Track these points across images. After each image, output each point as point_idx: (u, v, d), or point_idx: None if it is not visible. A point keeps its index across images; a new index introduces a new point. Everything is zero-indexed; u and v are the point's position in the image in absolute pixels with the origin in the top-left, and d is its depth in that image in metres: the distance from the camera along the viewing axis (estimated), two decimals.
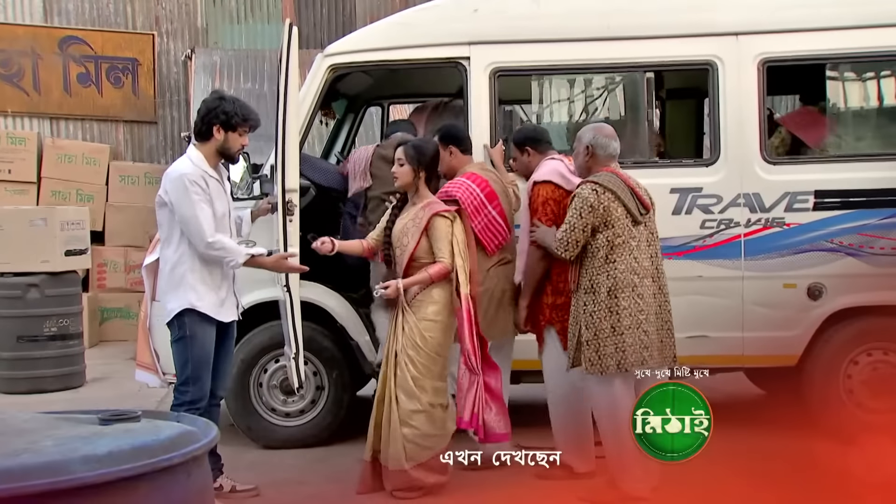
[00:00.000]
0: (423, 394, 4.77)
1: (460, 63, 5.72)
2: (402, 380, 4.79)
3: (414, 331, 4.79)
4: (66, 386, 7.99)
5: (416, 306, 4.83)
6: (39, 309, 7.96)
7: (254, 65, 11.15)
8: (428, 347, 4.80)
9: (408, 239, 4.87)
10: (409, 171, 4.93)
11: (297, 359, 5.09)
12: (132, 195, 10.85)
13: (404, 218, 4.95)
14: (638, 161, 5.73)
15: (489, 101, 5.68)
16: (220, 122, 4.70)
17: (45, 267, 8.07)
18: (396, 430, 4.76)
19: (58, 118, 11.55)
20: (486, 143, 5.60)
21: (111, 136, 11.74)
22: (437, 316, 4.82)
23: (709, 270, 5.58)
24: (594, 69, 5.96)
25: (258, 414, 5.94)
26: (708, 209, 5.60)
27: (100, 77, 11.65)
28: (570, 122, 6.34)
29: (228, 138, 4.74)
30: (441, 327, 4.83)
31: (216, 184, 4.74)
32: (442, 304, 4.83)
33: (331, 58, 5.81)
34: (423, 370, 4.79)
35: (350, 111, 7.17)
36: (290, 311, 5.03)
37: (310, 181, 5.94)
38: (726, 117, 5.63)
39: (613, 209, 4.61)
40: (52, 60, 11.44)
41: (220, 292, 4.75)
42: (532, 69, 5.87)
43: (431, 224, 4.84)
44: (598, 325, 4.57)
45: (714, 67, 5.64)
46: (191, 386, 4.69)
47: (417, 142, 5.13)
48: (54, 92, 11.49)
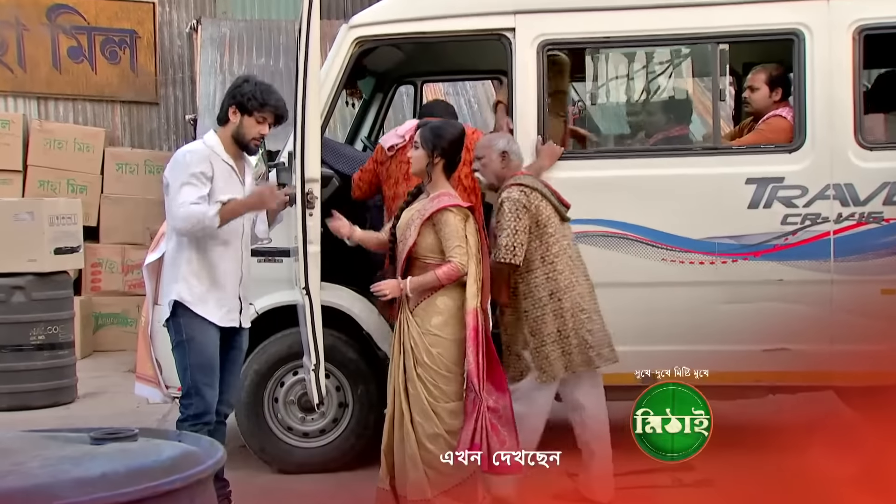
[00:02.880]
0: (438, 418, 4.75)
1: (504, 35, 5.72)
2: (416, 399, 4.77)
3: (419, 345, 4.77)
4: (54, 402, 8.08)
5: (419, 316, 4.80)
6: (25, 315, 8.05)
7: (268, 37, 11.22)
8: (437, 365, 4.76)
9: (410, 232, 4.83)
10: (422, 156, 4.91)
11: (317, 371, 5.10)
12: (130, 186, 10.96)
13: (412, 209, 4.94)
14: (707, 147, 5.72)
15: (537, 79, 5.68)
16: (236, 103, 4.80)
17: (31, 267, 8.16)
18: (415, 454, 4.73)
19: (46, 98, 11.70)
20: (538, 139, 5.62)
21: (106, 119, 11.87)
22: (442, 330, 4.77)
23: (791, 273, 5.55)
24: (658, 41, 5.94)
25: (273, 433, 5.99)
26: (790, 202, 5.56)
27: (93, 51, 11.77)
28: (628, 102, 6.34)
29: (243, 123, 4.81)
30: (448, 343, 4.77)
31: (227, 169, 4.80)
32: (448, 314, 4.78)
33: (357, 29, 5.84)
34: (436, 391, 4.77)
35: (378, 90, 7.20)
36: (310, 317, 5.04)
37: (333, 170, 5.98)
38: (814, 95, 5.59)
39: (543, 208, 5.08)
40: (39, 32, 11.57)
41: (219, 292, 4.80)
42: (586, 42, 5.87)
43: (439, 218, 4.79)
44: (544, 330, 5.02)
45: (800, 37, 5.60)
46: (194, 397, 4.76)
47: (436, 123, 5.10)
48: (42, 68, 11.63)
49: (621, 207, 5.63)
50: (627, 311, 5.53)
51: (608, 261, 5.58)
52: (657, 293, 5.63)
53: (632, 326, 5.52)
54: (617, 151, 6.12)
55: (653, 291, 5.64)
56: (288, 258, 5.62)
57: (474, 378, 4.70)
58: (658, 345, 5.55)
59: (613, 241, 5.63)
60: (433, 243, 4.81)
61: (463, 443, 4.69)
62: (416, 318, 4.80)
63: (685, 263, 5.60)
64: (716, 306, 5.58)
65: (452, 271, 4.74)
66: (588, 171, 5.74)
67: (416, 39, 6.05)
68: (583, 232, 5.54)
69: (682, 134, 6.07)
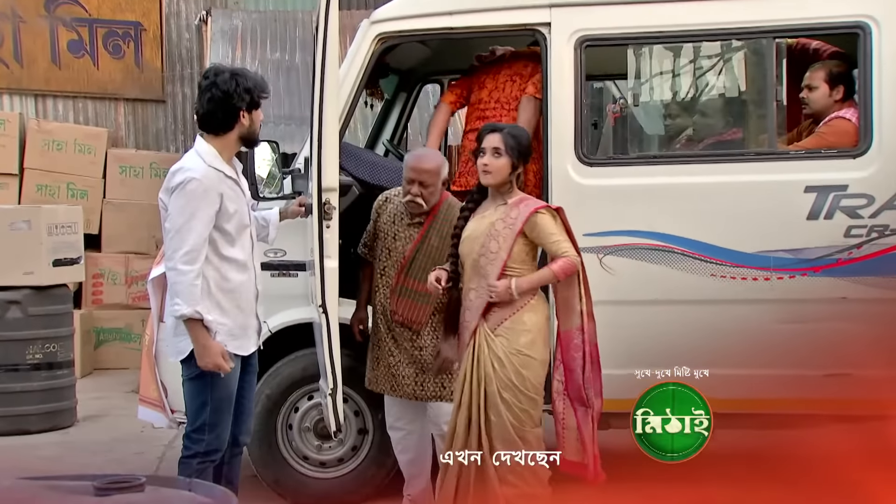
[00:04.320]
0: (525, 444, 4.73)
1: (538, 30, 5.70)
2: (500, 428, 4.73)
3: (507, 367, 4.73)
4: (53, 426, 8.08)
5: (504, 335, 4.77)
6: (21, 332, 8.05)
7: (283, 30, 11.22)
8: (526, 388, 4.74)
9: (497, 244, 4.78)
10: (506, 165, 4.83)
11: (334, 395, 5.09)
12: (135, 190, 10.97)
13: (485, 218, 4.87)
14: (762, 152, 5.66)
15: (575, 78, 5.64)
16: (245, 104, 4.70)
17: (28, 280, 8.16)
18: (495, 490, 4.70)
19: (44, 95, 11.75)
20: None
21: (109, 118, 11.91)
22: (531, 349, 4.76)
23: (855, 290, 5.48)
24: (707, 35, 5.88)
25: (287, 463, 5.97)
26: (855, 213, 5.49)
27: (95, 45, 11.81)
28: (673, 101, 6.28)
29: (253, 119, 4.76)
30: (538, 364, 4.78)
31: (233, 186, 4.75)
32: (536, 332, 4.78)
33: (379, 25, 5.81)
34: (524, 415, 4.75)
35: (402, 90, 7.20)
36: (327, 336, 5.02)
37: (352, 177, 5.95)
38: (881, 94, 5.52)
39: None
40: (36, 25, 11.62)
41: (242, 318, 4.76)
42: (628, 37, 5.83)
43: (532, 223, 4.76)
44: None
45: (867, 31, 5.54)
46: (206, 433, 4.69)
47: (514, 128, 5.06)
48: (40, 63, 11.67)
49: (667, 218, 5.58)
50: (672, 331, 5.51)
51: (652, 276, 5.55)
52: (705, 312, 5.58)
53: (675, 348, 5.45)
54: (662, 157, 6.07)
55: (701, 310, 5.58)
56: (303, 272, 5.61)
57: (586, 387, 4.81)
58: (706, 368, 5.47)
59: (658, 255, 5.58)
60: (523, 253, 4.79)
61: (583, 453, 4.83)
62: (499, 338, 4.76)
63: (737, 279, 5.54)
64: (771, 326, 5.52)
65: (568, 265, 4.71)
66: (630, 179, 5.70)
67: (444, 35, 6.01)
68: (624, 245, 5.52)
69: (735, 138, 6.01)
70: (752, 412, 5.59)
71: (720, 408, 5.48)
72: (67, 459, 7.25)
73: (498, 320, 4.78)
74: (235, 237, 4.71)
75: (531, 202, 4.84)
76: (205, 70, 4.80)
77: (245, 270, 4.77)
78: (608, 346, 5.31)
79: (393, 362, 5.50)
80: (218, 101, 4.68)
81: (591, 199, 5.57)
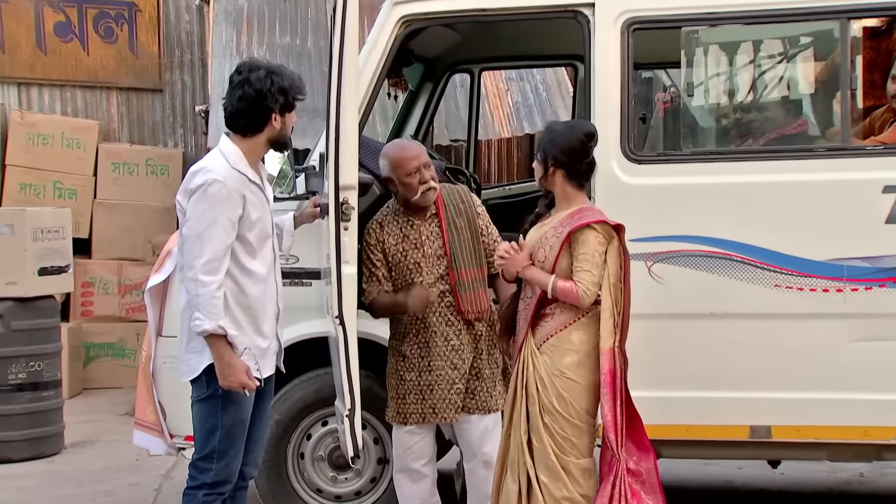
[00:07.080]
0: (569, 477, 4.76)
1: (580, 12, 5.71)
2: (542, 455, 4.78)
3: (548, 389, 4.77)
4: (38, 453, 8.14)
5: (547, 353, 4.82)
6: (3, 348, 8.10)
7: (293, 11, 11.27)
8: (569, 413, 4.76)
9: (544, 253, 4.85)
10: (538, 167, 4.97)
11: (352, 417, 5.11)
12: (129, 189, 11.05)
13: (544, 226, 4.95)
14: (833, 148, 5.65)
15: (621, 66, 5.66)
16: (278, 105, 4.76)
17: (10, 291, 8.22)
18: None
19: (28, 83, 11.83)
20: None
21: (101, 109, 11.97)
22: (575, 372, 4.78)
23: None
24: (771, 16, 5.87)
25: (298, 496, 6.00)
26: None
27: (85, 28, 11.88)
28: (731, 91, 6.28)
29: (286, 122, 4.83)
30: (581, 388, 4.79)
31: (257, 192, 4.80)
32: (583, 353, 4.80)
33: (403, 6, 5.83)
34: (566, 444, 4.77)
35: (427, 79, 7.24)
36: (345, 351, 5.05)
37: (372, 175, 5.98)
38: None
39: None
40: (20, 5, 11.69)
41: (261, 339, 4.80)
42: (680, 19, 5.83)
43: (577, 236, 4.79)
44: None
45: None
46: (215, 462, 4.74)
47: (553, 125, 5.14)
48: (23, 48, 11.75)
49: (724, 222, 5.57)
50: (731, 348, 5.52)
51: (708, 287, 5.55)
52: (769, 327, 5.56)
53: (736, 368, 5.49)
54: (719, 153, 6.03)
55: (763, 325, 5.57)
56: (318, 281, 5.62)
57: (611, 433, 4.72)
58: (769, 391, 5.50)
59: (715, 263, 5.57)
60: (567, 268, 4.82)
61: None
62: (543, 355, 4.82)
63: (805, 291, 5.52)
64: (844, 344, 5.50)
65: (570, 293, 4.75)
66: (682, 177, 5.70)
67: (475, 18, 6.05)
68: (677, 251, 5.53)
69: (801, 131, 6.00)
70: (822, 440, 5.58)
71: (785, 436, 5.51)
72: (50, 491, 7.30)
73: (544, 335, 4.84)
74: (257, 248, 4.76)
75: (589, 214, 4.86)
76: (238, 64, 4.86)
77: (265, 284, 4.83)
78: (654, 365, 5.36)
79: (457, 377, 5.41)
80: (250, 99, 4.73)
81: (639, 200, 5.57)
